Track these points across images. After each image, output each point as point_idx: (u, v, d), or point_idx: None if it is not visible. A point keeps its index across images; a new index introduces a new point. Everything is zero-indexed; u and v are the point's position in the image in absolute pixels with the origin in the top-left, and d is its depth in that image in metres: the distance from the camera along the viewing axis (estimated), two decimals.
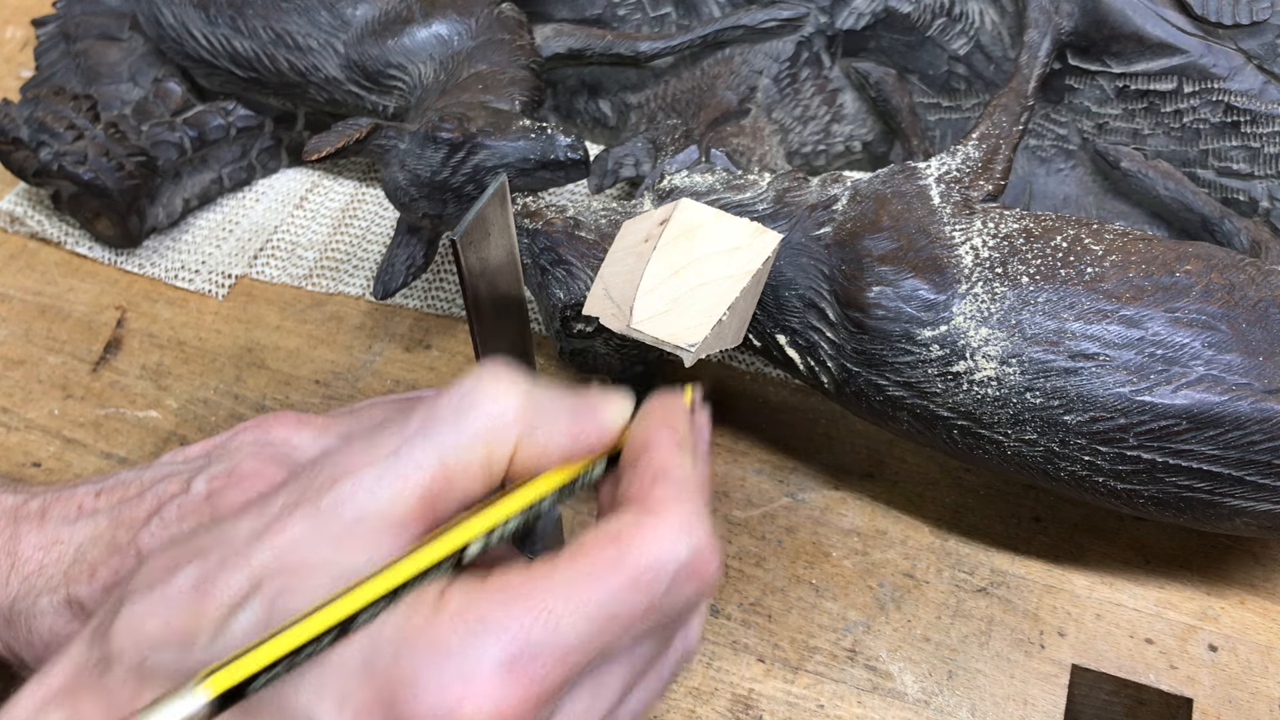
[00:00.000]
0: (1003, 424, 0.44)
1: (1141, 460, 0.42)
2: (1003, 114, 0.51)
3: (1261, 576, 0.50)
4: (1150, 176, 0.55)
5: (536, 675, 0.28)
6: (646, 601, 0.29)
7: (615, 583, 0.29)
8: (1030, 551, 0.51)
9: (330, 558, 0.29)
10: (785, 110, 0.60)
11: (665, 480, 0.31)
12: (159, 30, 0.62)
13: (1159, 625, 0.48)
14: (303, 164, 0.67)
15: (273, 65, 0.60)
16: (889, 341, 0.45)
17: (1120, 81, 0.55)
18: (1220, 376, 0.42)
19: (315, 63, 0.59)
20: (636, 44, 0.60)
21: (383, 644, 0.28)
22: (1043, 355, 0.43)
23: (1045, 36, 0.54)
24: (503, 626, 0.28)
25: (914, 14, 0.58)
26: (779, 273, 0.47)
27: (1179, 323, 0.42)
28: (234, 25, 0.60)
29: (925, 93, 0.60)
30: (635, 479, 0.32)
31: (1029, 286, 0.44)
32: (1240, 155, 0.55)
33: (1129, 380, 0.42)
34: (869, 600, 0.49)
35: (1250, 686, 0.47)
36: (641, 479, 0.31)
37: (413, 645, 0.28)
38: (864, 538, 0.51)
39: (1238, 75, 0.53)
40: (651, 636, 0.32)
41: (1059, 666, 0.47)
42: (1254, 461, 0.42)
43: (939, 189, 0.48)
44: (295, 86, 0.60)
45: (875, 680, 0.47)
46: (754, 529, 0.51)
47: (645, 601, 0.29)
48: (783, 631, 0.48)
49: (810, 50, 0.60)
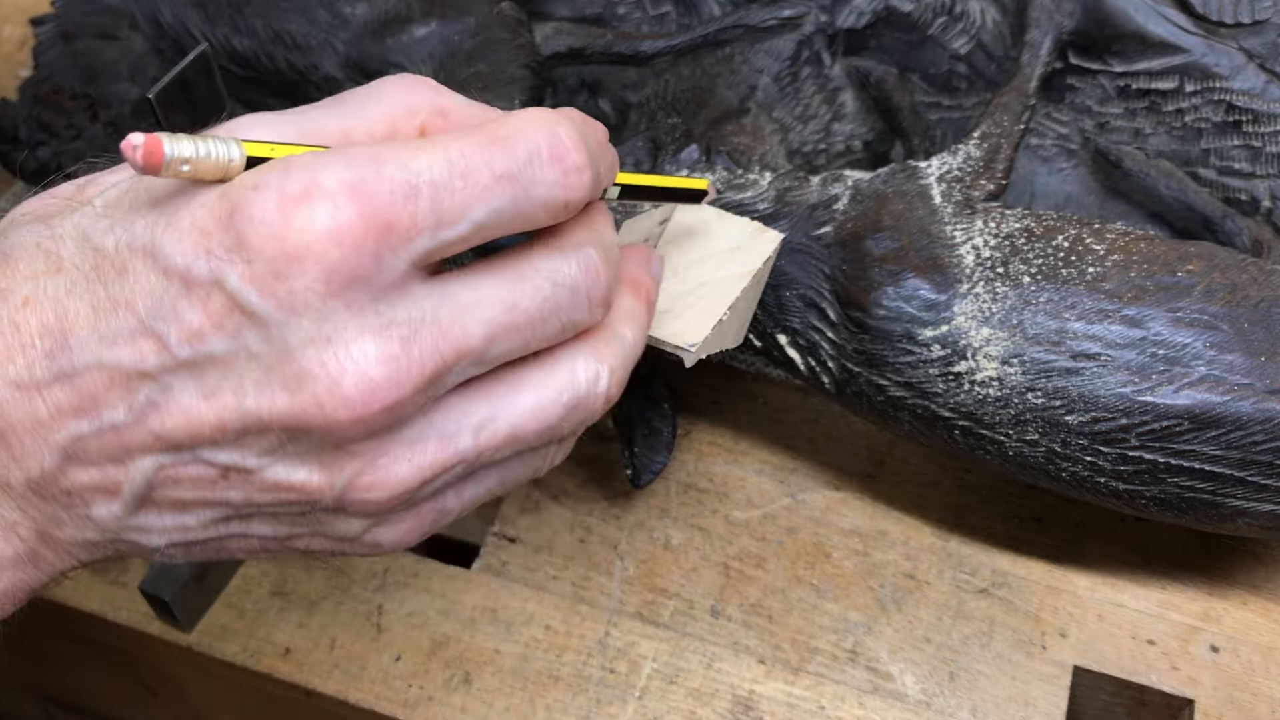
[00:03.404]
0: (1004, 424, 0.44)
1: (1143, 461, 0.42)
2: (1004, 113, 0.51)
3: (1263, 577, 0.50)
4: (1152, 176, 0.55)
5: (382, 200, 0.28)
6: (503, 161, 0.29)
7: (474, 138, 0.29)
8: (1032, 552, 0.50)
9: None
10: (786, 109, 0.60)
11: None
12: (158, 29, 0.62)
13: (1161, 626, 0.48)
14: None
15: (271, 64, 0.60)
16: (890, 341, 0.45)
17: (1122, 80, 0.55)
18: (1222, 377, 0.41)
19: (314, 62, 0.59)
20: (636, 43, 0.60)
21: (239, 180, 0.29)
22: (1044, 355, 0.43)
23: (1047, 35, 0.54)
24: (352, 155, 0.28)
25: (915, 13, 0.58)
26: (780, 272, 0.47)
27: (1181, 323, 0.42)
28: (233, 24, 0.60)
29: (926, 91, 0.60)
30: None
31: (1030, 286, 0.44)
32: (1242, 154, 0.55)
33: (1131, 380, 0.42)
34: (870, 601, 0.49)
35: (1252, 687, 0.47)
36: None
37: (261, 173, 0.28)
38: (865, 538, 0.51)
39: (1239, 74, 0.53)
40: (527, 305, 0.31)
41: (1060, 667, 0.47)
42: (1256, 462, 0.41)
43: (940, 188, 0.48)
44: (294, 86, 0.60)
45: (876, 681, 0.47)
46: (754, 529, 0.51)
47: (502, 160, 0.29)
48: (783, 632, 0.48)
49: (811, 49, 0.60)
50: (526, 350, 0.31)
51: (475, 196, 0.29)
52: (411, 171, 0.28)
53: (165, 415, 0.28)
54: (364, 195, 0.28)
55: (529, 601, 0.49)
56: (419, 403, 0.29)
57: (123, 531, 0.31)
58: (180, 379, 0.28)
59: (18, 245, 0.30)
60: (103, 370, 0.29)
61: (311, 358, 0.28)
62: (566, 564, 0.50)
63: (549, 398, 0.32)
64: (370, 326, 0.28)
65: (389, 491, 0.30)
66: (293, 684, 0.48)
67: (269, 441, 0.29)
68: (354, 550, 0.33)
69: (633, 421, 0.51)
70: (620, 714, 0.46)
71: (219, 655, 0.48)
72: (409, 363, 0.28)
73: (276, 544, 0.32)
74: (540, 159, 0.30)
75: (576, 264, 0.32)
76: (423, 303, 0.29)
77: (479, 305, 0.30)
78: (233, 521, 0.31)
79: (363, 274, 0.28)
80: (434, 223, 0.29)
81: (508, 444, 0.31)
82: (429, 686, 0.47)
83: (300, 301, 0.27)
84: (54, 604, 0.50)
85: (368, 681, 0.47)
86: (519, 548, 0.51)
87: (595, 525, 0.52)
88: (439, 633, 0.49)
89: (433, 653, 0.48)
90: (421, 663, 0.48)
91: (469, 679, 0.47)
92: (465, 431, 0.30)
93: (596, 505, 0.52)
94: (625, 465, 0.51)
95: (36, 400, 0.29)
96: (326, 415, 0.28)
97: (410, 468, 0.30)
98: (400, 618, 0.49)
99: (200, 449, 0.29)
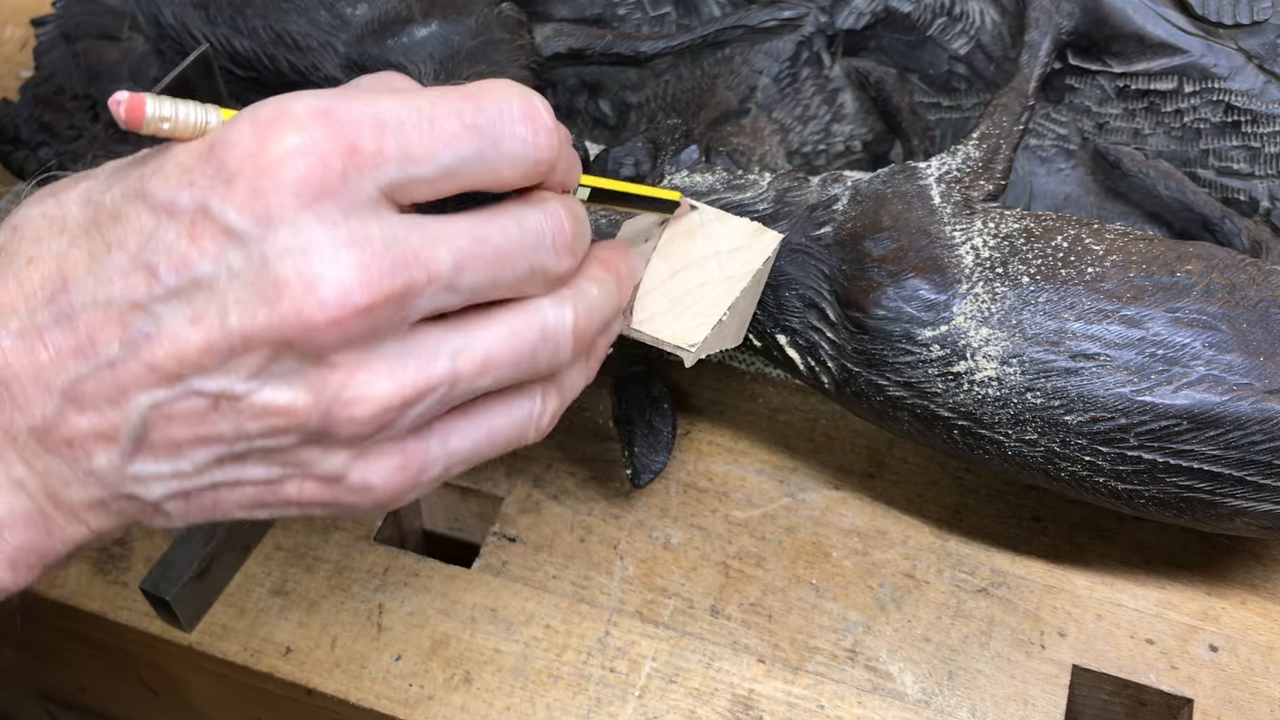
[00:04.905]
0: (1003, 424, 0.44)
1: (1142, 460, 0.42)
2: (1003, 114, 0.51)
3: (1262, 577, 0.50)
4: (1151, 176, 0.55)
5: (349, 125, 0.30)
6: (473, 114, 0.31)
7: (445, 91, 0.32)
8: (1031, 552, 0.51)
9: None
10: (785, 110, 0.60)
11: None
12: (159, 30, 0.62)
13: (1160, 626, 0.48)
14: None
15: (272, 65, 0.60)
16: (889, 341, 0.45)
17: (1121, 81, 0.55)
18: (1221, 377, 0.41)
19: (315, 62, 0.59)
20: (636, 44, 0.60)
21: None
22: (1043, 355, 0.43)
23: (1046, 36, 0.54)
24: (322, 91, 0.31)
25: (914, 13, 0.58)
26: (779, 272, 0.47)
27: (1180, 323, 0.42)
28: (234, 25, 0.60)
29: (926, 92, 0.60)
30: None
31: (1030, 286, 0.44)
32: (1241, 155, 0.55)
33: (1130, 380, 0.42)
34: (869, 600, 0.49)
35: (1251, 687, 0.47)
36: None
37: (235, 114, 0.31)
38: (864, 538, 0.51)
39: (1238, 75, 0.53)
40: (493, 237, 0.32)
41: (1059, 667, 0.47)
42: (1255, 462, 0.42)
43: (939, 189, 0.48)
44: (295, 86, 0.60)
45: (875, 680, 0.47)
46: (754, 529, 0.51)
47: (472, 113, 0.31)
48: (783, 632, 0.48)
49: (810, 50, 0.60)
50: (496, 289, 0.33)
51: (443, 140, 0.31)
52: (379, 108, 0.30)
53: (156, 345, 0.30)
54: (331, 119, 0.30)
55: (529, 601, 0.49)
56: (392, 316, 0.30)
57: (123, 484, 0.32)
58: (170, 307, 0.30)
59: (26, 217, 0.32)
60: (98, 308, 0.30)
61: (288, 267, 0.29)
62: (566, 563, 0.51)
63: (519, 327, 0.33)
64: (342, 239, 0.29)
65: (371, 406, 0.31)
66: (293, 683, 0.48)
67: (254, 361, 0.30)
68: (344, 497, 0.33)
69: (633, 421, 0.51)
70: (620, 713, 0.46)
71: (220, 654, 0.48)
72: (380, 272, 0.30)
73: (269, 490, 0.33)
74: (512, 116, 0.32)
75: (542, 213, 0.34)
76: (394, 226, 0.30)
77: (448, 235, 0.31)
78: (226, 464, 0.32)
79: (330, 188, 0.29)
80: (400, 156, 0.30)
81: (483, 370, 0.33)
82: (429, 686, 0.47)
83: (275, 215, 0.29)
84: (55, 603, 0.50)
85: (368, 681, 0.47)
86: (519, 547, 0.51)
87: (595, 525, 0.52)
88: (439, 632, 0.49)
89: (433, 652, 0.48)
90: (422, 662, 0.48)
91: (469, 678, 0.47)
92: (442, 355, 0.32)
93: (596, 505, 0.52)
94: (625, 465, 0.51)
95: (38, 346, 0.30)
96: (304, 319, 0.29)
97: (391, 384, 0.31)
98: (401, 617, 0.49)
99: (190, 378, 0.30)
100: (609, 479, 0.53)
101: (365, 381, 0.31)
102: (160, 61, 0.65)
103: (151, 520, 0.33)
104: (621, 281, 0.38)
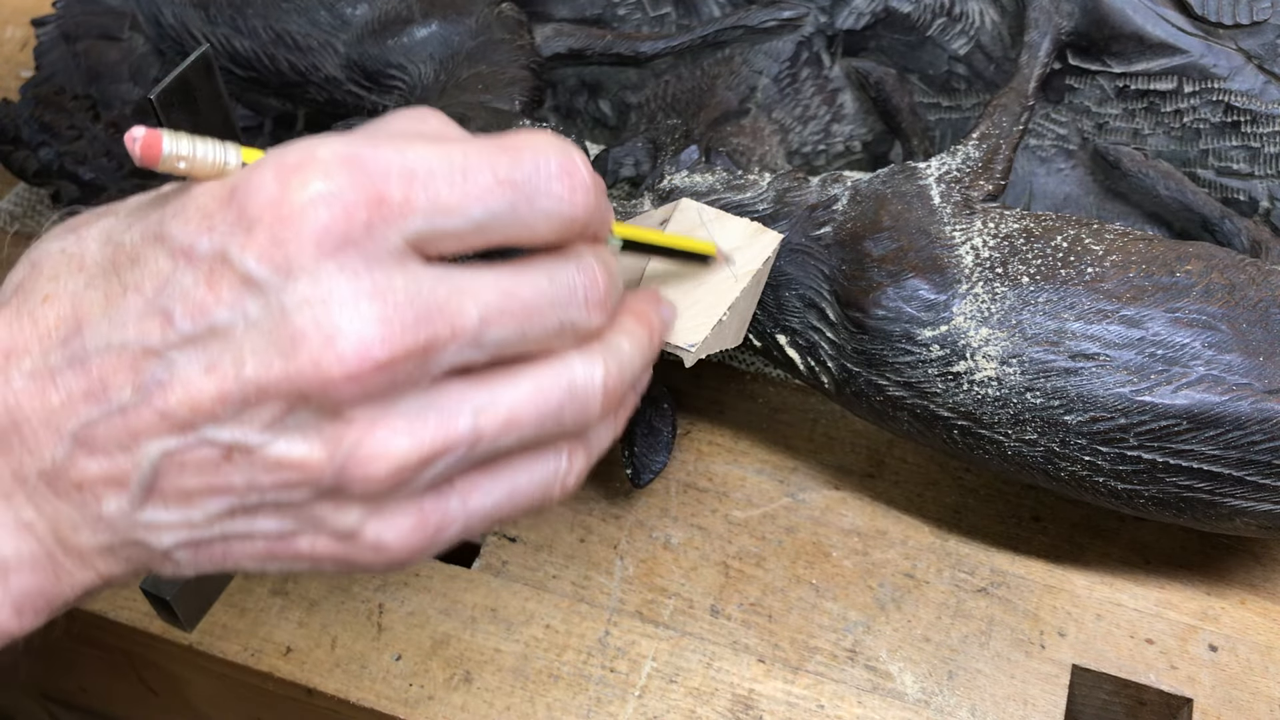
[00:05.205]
0: (1003, 424, 0.44)
1: (1142, 460, 0.42)
2: (1003, 114, 0.51)
3: (1262, 576, 0.50)
4: (1150, 176, 0.55)
5: (376, 173, 0.29)
6: (508, 169, 0.30)
7: (480, 142, 0.30)
8: (1030, 551, 0.51)
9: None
10: (785, 110, 0.60)
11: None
12: (159, 30, 0.62)
13: (1159, 625, 0.48)
14: None
15: (272, 65, 0.60)
16: (889, 341, 0.45)
17: (1120, 81, 0.55)
18: (1221, 377, 0.42)
19: (315, 62, 0.59)
20: (636, 44, 0.60)
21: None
22: (1043, 355, 0.43)
23: (1045, 36, 0.54)
24: (350, 136, 0.30)
25: (914, 14, 0.58)
26: (779, 272, 0.47)
27: (1179, 323, 0.42)
28: (234, 25, 0.60)
29: (925, 92, 0.60)
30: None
31: (1029, 286, 0.44)
32: (1240, 155, 0.55)
33: (1129, 380, 0.42)
34: (869, 600, 0.49)
35: (1250, 686, 0.47)
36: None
37: (260, 159, 0.30)
38: (864, 538, 0.51)
39: (1238, 75, 0.53)
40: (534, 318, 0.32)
41: (1059, 666, 0.47)
42: (1254, 461, 0.42)
43: (939, 189, 0.48)
44: (295, 86, 0.60)
45: (875, 680, 0.47)
46: (754, 529, 0.51)
47: (507, 167, 0.30)
48: (783, 631, 0.48)
49: (810, 50, 0.60)
50: (524, 344, 0.32)
51: (475, 194, 0.30)
52: (409, 157, 0.29)
53: (169, 392, 0.29)
54: (357, 166, 0.29)
55: (529, 601, 0.49)
56: (413, 371, 0.29)
57: (133, 530, 0.31)
58: (184, 354, 0.29)
59: (45, 253, 0.32)
60: (111, 352, 0.29)
61: (306, 318, 0.28)
62: (567, 563, 0.51)
63: (546, 384, 0.32)
64: (364, 290, 0.29)
65: (387, 464, 0.30)
66: (294, 683, 0.48)
67: (269, 413, 0.29)
68: (357, 555, 0.32)
69: (633, 421, 0.51)
70: (620, 713, 0.46)
71: (220, 654, 0.48)
72: (402, 326, 0.29)
73: (280, 544, 0.32)
74: (549, 172, 0.31)
75: (575, 267, 0.32)
76: (419, 278, 0.29)
77: (475, 289, 0.30)
78: (237, 516, 0.31)
79: (354, 238, 0.28)
80: (429, 207, 0.29)
81: (507, 428, 0.32)
82: (429, 685, 0.47)
83: (295, 264, 0.28)
84: None
85: (368, 680, 0.47)
86: (519, 547, 0.51)
87: (595, 525, 0.52)
88: (439, 632, 0.49)
89: (433, 652, 0.48)
90: (422, 662, 0.48)
91: (469, 678, 0.47)
92: (465, 412, 0.31)
93: (596, 505, 0.52)
94: (625, 465, 0.51)
95: (49, 389, 0.30)
96: (321, 372, 0.28)
97: (409, 441, 0.30)
98: (401, 617, 0.49)
99: (203, 427, 0.29)
100: (609, 479, 0.53)
101: (383, 439, 0.30)
102: (160, 61, 0.65)
103: (160, 568, 0.33)
104: (654, 334, 0.36)
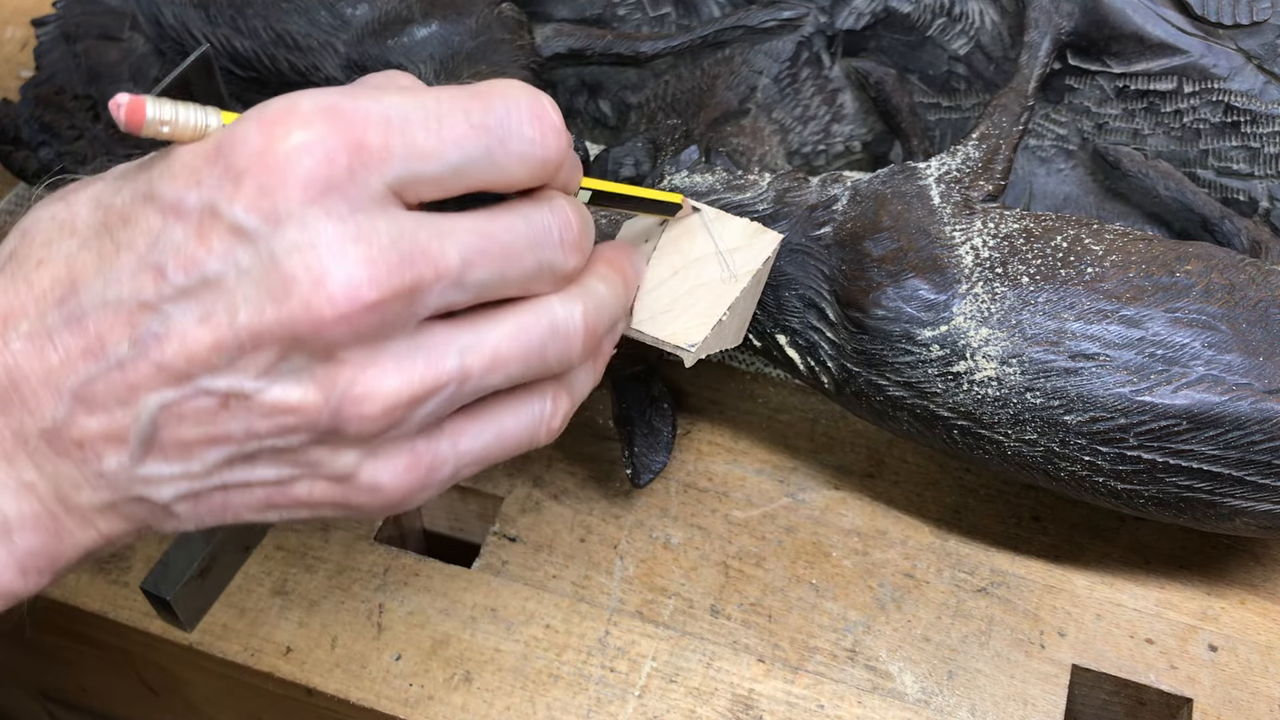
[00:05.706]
0: (1003, 424, 0.44)
1: (1142, 460, 0.42)
2: (1003, 114, 0.51)
3: (1261, 576, 0.50)
4: (1150, 176, 0.55)
5: (356, 122, 0.30)
6: (481, 114, 0.31)
7: (453, 90, 0.32)
8: (1030, 551, 0.51)
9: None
10: (785, 110, 0.60)
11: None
12: (159, 30, 0.62)
13: (1159, 625, 0.48)
14: None
15: (273, 65, 0.60)
16: (889, 341, 0.45)
17: (1120, 81, 0.55)
18: (1220, 376, 0.42)
19: (315, 63, 0.59)
20: (636, 44, 0.60)
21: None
22: (1043, 355, 0.43)
23: (1045, 36, 0.54)
24: (328, 88, 0.31)
25: (914, 14, 0.58)
26: (779, 272, 0.47)
27: (1179, 323, 0.42)
28: (234, 25, 0.60)
29: (925, 92, 0.60)
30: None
31: (1029, 286, 0.44)
32: (1240, 155, 0.55)
33: (1129, 380, 0.42)
34: (869, 600, 0.49)
35: (1250, 686, 0.47)
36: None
37: (241, 115, 0.31)
38: (864, 538, 0.51)
39: (1238, 75, 0.53)
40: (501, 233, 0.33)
41: (1059, 666, 0.47)
42: (1254, 461, 0.42)
43: (939, 189, 0.48)
44: (295, 86, 0.60)
45: (875, 680, 0.47)
46: (754, 529, 0.51)
47: (480, 113, 0.31)
48: (783, 631, 0.48)
49: (810, 50, 0.60)
50: (504, 285, 0.33)
51: (450, 139, 0.31)
52: (385, 105, 0.31)
53: (165, 344, 0.30)
54: (337, 115, 0.30)
55: (529, 601, 0.49)
56: (400, 312, 0.30)
57: (133, 486, 0.32)
58: (179, 306, 0.30)
59: (36, 220, 0.32)
60: (108, 309, 0.30)
61: (296, 263, 0.29)
62: (566, 563, 0.51)
63: (528, 323, 0.33)
64: (350, 234, 0.29)
65: (380, 403, 0.31)
66: (294, 683, 0.48)
67: (264, 359, 0.30)
68: (354, 497, 0.33)
69: (633, 421, 0.51)
70: (620, 713, 0.46)
71: (220, 654, 0.48)
72: (388, 267, 0.30)
73: (279, 491, 0.33)
74: (520, 116, 0.32)
75: (549, 209, 0.34)
76: (401, 222, 0.30)
77: (455, 232, 0.31)
78: (236, 465, 0.32)
79: (338, 184, 0.29)
80: (406, 152, 0.30)
81: (493, 366, 0.33)
82: (429, 685, 0.47)
83: (283, 211, 0.29)
84: (55, 602, 0.50)
85: (369, 680, 0.47)
86: (519, 547, 0.51)
87: (595, 525, 0.52)
88: (439, 632, 0.49)
89: (433, 652, 0.48)
90: (422, 662, 0.48)
91: (469, 678, 0.47)
92: (451, 352, 0.32)
93: (596, 505, 0.52)
94: (625, 465, 0.51)
95: (48, 348, 0.30)
96: (312, 314, 0.29)
97: (400, 380, 0.31)
98: (401, 617, 0.49)
99: (200, 377, 0.30)
100: (609, 479, 0.53)
101: (374, 378, 0.31)
102: (161, 61, 0.65)
103: (162, 524, 0.33)
104: (628, 281, 0.38)
